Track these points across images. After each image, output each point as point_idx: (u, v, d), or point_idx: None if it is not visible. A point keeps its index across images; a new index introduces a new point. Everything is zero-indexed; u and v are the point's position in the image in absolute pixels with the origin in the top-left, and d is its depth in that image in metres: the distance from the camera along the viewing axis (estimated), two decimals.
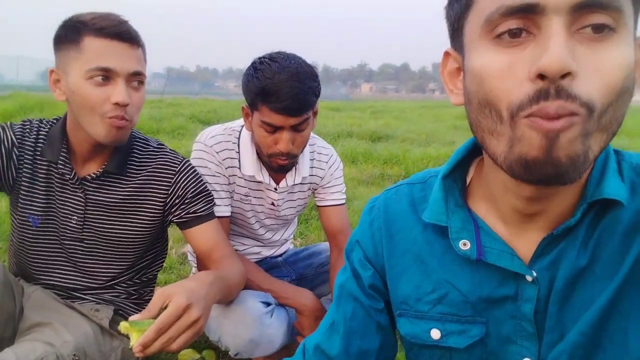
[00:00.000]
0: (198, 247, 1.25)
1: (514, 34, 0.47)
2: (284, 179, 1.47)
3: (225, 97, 21.70)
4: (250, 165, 1.40)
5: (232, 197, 1.44)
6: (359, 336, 0.71)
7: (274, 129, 1.25)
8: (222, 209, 1.40)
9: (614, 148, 0.60)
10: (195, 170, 1.27)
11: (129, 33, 1.07)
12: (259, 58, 1.28)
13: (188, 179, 1.24)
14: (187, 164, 1.25)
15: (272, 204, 1.51)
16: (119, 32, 1.05)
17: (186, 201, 1.23)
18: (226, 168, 1.40)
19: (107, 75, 1.05)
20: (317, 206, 1.63)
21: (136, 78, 1.09)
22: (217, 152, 1.38)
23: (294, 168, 1.46)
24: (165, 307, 0.91)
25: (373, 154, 4.92)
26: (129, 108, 1.08)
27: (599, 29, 0.46)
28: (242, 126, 1.43)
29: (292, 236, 1.83)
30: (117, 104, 1.05)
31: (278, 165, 1.33)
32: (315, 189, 1.58)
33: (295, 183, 1.49)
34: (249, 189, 1.46)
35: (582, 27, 0.46)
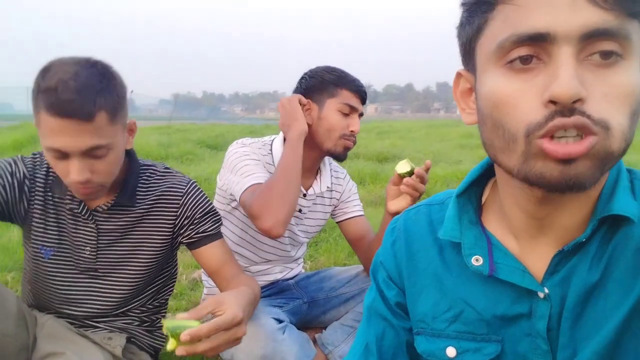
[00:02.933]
0: (208, 266, 1.27)
1: (525, 59, 0.50)
2: (312, 187, 1.61)
3: (232, 122, 21.92)
4: None
5: None
6: (390, 355, 0.72)
7: (350, 111, 1.50)
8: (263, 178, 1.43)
9: (626, 167, 0.61)
10: (201, 191, 1.29)
11: (80, 109, 0.97)
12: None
13: (196, 200, 1.26)
14: (193, 185, 1.28)
15: (300, 210, 1.61)
16: (68, 110, 0.96)
17: (195, 221, 1.25)
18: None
19: (61, 154, 1.01)
20: (339, 222, 1.71)
21: (94, 152, 1.02)
22: (258, 149, 1.51)
23: (318, 177, 1.62)
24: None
25: (380, 175, 4.91)
26: (92, 178, 1.04)
27: (607, 55, 0.48)
28: (273, 140, 1.58)
29: (302, 259, 1.84)
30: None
31: (344, 149, 1.52)
32: (336, 206, 1.70)
33: (322, 191, 1.63)
34: None
35: (590, 54, 0.48)
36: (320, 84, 1.52)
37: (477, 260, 0.62)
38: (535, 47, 0.49)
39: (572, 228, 0.58)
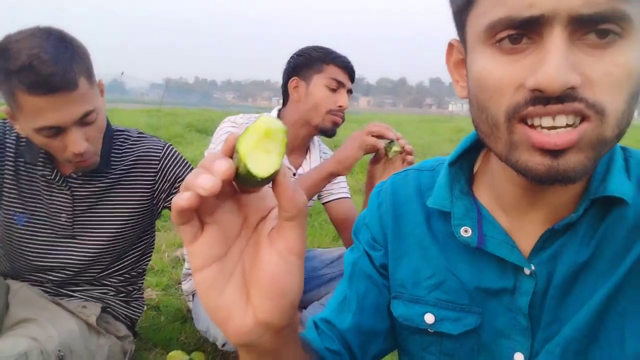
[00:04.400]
0: None
1: (515, 39, 0.47)
2: (301, 167, 1.61)
3: (223, 108, 21.81)
4: None
5: None
6: (371, 315, 0.70)
7: (337, 86, 1.51)
8: None
9: (620, 145, 0.59)
10: (178, 154, 1.28)
11: (64, 80, 0.94)
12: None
13: (175, 163, 1.25)
14: (170, 149, 1.26)
15: None
16: (49, 86, 0.93)
17: (177, 185, 1.24)
18: None
19: (54, 130, 0.99)
20: (325, 203, 1.70)
21: (86, 119, 1.02)
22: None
23: (308, 157, 1.63)
24: None
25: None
26: (88, 146, 1.04)
27: (603, 33, 0.45)
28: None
29: None
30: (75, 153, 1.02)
31: (333, 124, 1.53)
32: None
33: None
34: None
35: (585, 33, 0.45)
36: (307, 61, 1.53)
37: (465, 231, 0.61)
38: (526, 27, 0.46)
39: (563, 205, 0.57)
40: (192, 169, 1.28)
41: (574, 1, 0.44)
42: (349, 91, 1.56)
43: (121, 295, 1.31)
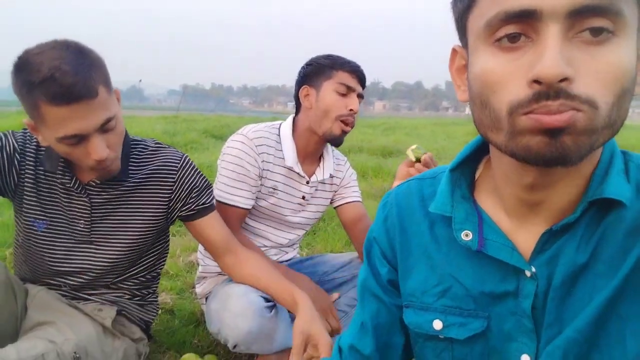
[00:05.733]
0: (210, 236, 1.31)
1: (513, 37, 0.49)
2: (314, 174, 1.63)
3: (239, 114, 22.00)
4: (290, 157, 1.57)
5: (257, 191, 1.54)
6: (386, 332, 0.74)
7: (347, 91, 1.52)
8: (244, 201, 1.49)
9: (621, 149, 0.61)
10: (195, 165, 1.31)
11: (85, 89, 0.97)
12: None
13: (192, 174, 1.28)
14: (187, 160, 1.30)
15: (303, 197, 1.63)
16: (72, 96, 0.96)
17: (193, 195, 1.28)
18: (262, 162, 1.52)
19: (77, 139, 1.02)
20: (337, 207, 1.73)
21: (106, 126, 1.05)
22: (257, 146, 1.52)
23: (321, 164, 1.66)
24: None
25: (383, 169, 4.91)
26: (110, 152, 1.08)
27: (596, 31, 0.47)
28: (281, 124, 1.63)
29: (298, 244, 1.85)
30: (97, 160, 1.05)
31: (342, 132, 1.54)
32: (336, 191, 1.73)
33: (324, 178, 1.65)
34: (282, 183, 1.58)
35: (580, 31, 0.47)
36: (316, 69, 1.56)
37: (466, 235, 0.62)
38: (523, 24, 0.48)
39: (563, 208, 0.58)
40: (205, 179, 1.32)
41: None
42: (360, 96, 1.57)
43: (136, 298, 1.34)
